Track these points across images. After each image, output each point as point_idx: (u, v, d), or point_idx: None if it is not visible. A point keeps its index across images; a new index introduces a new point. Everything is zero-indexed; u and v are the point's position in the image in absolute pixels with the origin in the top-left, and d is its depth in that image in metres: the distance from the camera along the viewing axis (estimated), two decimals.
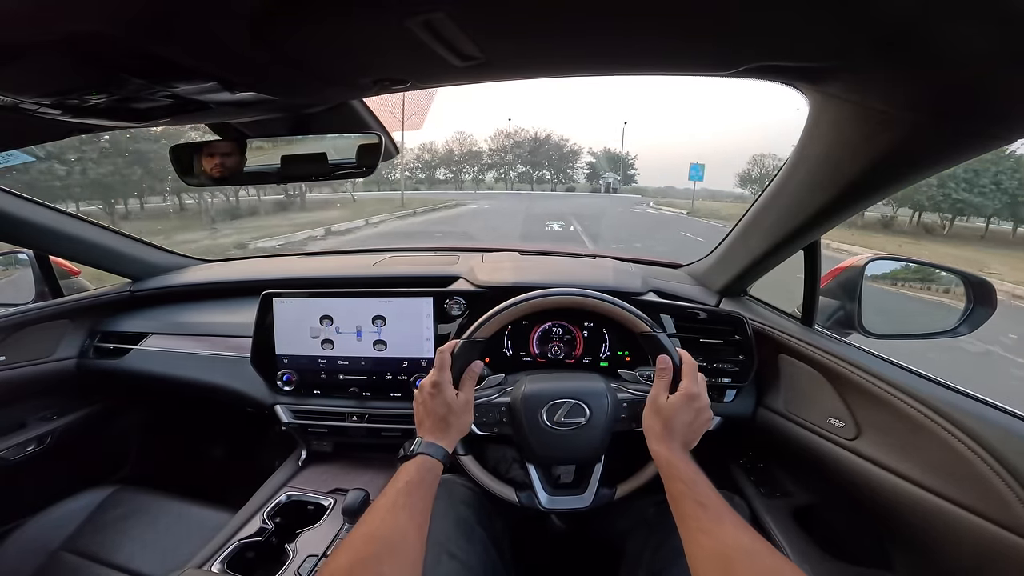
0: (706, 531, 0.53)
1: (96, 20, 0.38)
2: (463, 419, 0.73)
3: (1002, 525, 0.58)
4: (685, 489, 0.59)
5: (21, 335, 1.18)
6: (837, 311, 0.96)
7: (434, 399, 0.72)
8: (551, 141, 52.00)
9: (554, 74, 0.59)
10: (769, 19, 0.42)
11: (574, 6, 0.41)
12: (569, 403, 0.76)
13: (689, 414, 0.68)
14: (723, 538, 0.51)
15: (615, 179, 48.22)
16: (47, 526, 1.04)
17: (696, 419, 0.68)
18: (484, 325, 0.80)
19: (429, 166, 48.60)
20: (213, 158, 0.74)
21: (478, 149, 51.30)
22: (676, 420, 0.67)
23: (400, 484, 0.60)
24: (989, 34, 0.37)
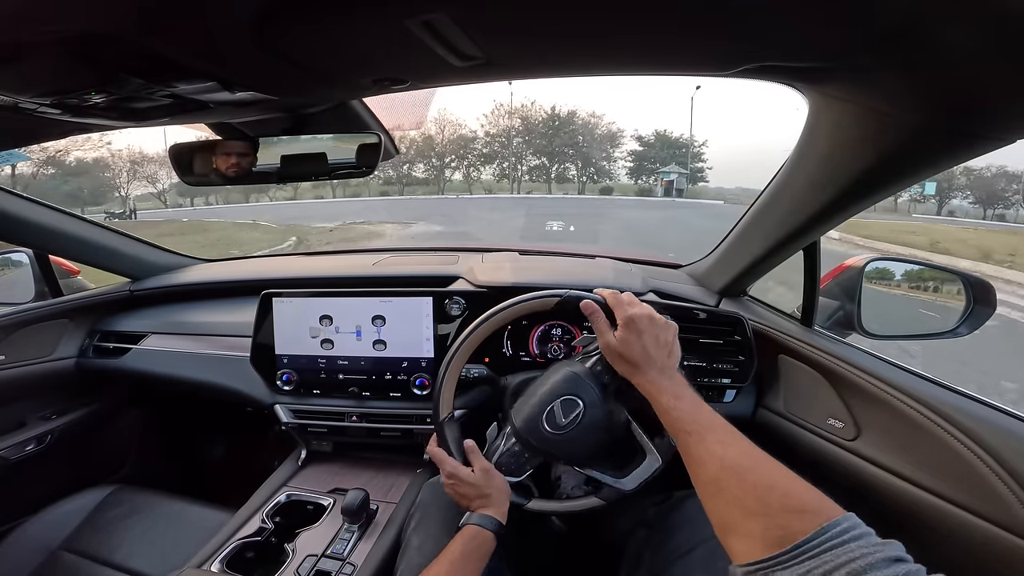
0: (693, 458, 0.53)
1: (96, 20, 0.38)
2: (494, 484, 0.74)
3: (1001, 525, 0.58)
4: (669, 421, 0.58)
5: (21, 334, 1.18)
6: (837, 311, 0.96)
7: (459, 488, 0.74)
8: (577, 120, 30.70)
9: (554, 74, 0.59)
10: (769, 19, 0.42)
11: (574, 6, 0.41)
12: (555, 404, 0.74)
13: (642, 337, 0.64)
14: (707, 463, 0.51)
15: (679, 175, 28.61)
16: (47, 525, 1.04)
17: (656, 337, 0.65)
18: (441, 402, 0.79)
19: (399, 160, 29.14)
20: (213, 158, 0.75)
21: (470, 133, 31.25)
22: (633, 350, 0.64)
23: (454, 555, 0.65)
24: (987, 35, 0.37)
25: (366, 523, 0.91)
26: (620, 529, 0.86)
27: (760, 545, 0.41)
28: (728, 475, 0.49)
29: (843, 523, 0.39)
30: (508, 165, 32.06)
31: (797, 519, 0.41)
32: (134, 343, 1.27)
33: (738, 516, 0.46)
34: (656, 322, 0.67)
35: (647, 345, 0.64)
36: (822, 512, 0.41)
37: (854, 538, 0.38)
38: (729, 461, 0.50)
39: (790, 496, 0.44)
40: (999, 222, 24.15)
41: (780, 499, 0.44)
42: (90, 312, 1.32)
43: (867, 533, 0.39)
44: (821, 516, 0.40)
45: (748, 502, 0.46)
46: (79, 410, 1.32)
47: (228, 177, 0.75)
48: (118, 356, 1.26)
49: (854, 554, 0.36)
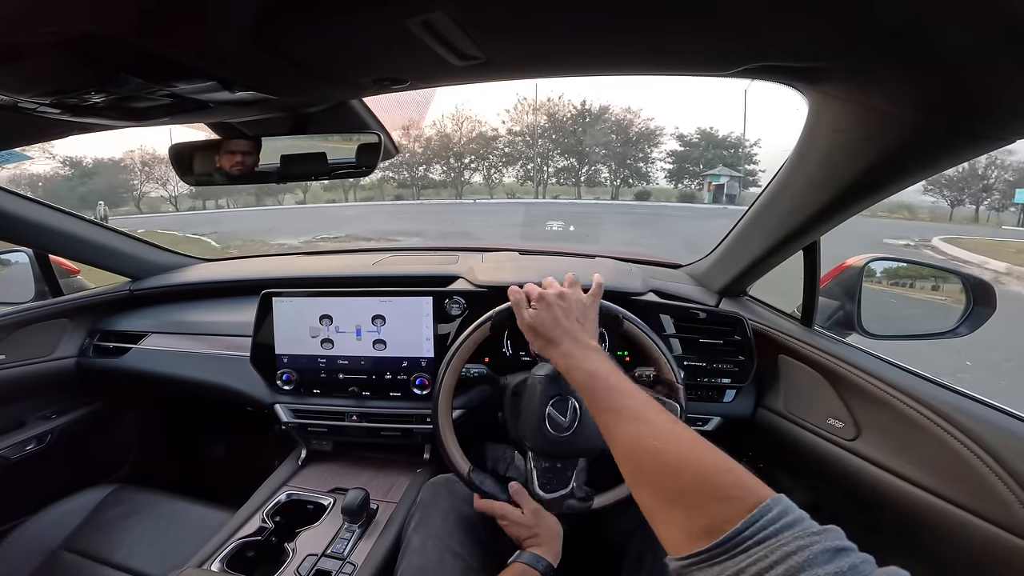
0: (611, 438, 0.51)
1: (95, 20, 0.38)
2: (545, 523, 0.75)
3: (1001, 526, 0.58)
4: (586, 400, 0.56)
5: (21, 334, 1.18)
6: (837, 311, 0.96)
7: (511, 529, 0.75)
8: (610, 116, 26.55)
9: (554, 74, 0.59)
10: (769, 19, 0.42)
11: (573, 6, 0.41)
12: (549, 408, 0.73)
13: (552, 310, 0.65)
14: (624, 443, 0.49)
15: (731, 179, 24.23)
16: (47, 525, 1.04)
17: (567, 310, 0.65)
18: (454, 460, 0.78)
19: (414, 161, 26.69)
20: (213, 158, 0.74)
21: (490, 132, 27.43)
22: (544, 323, 0.64)
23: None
24: (987, 35, 0.37)
25: (366, 523, 0.91)
26: (622, 529, 0.86)
27: (686, 536, 0.38)
28: (644, 456, 0.46)
29: (773, 508, 0.36)
30: (533, 166, 27.76)
31: (720, 506, 0.38)
32: (134, 343, 1.27)
33: (658, 503, 0.43)
34: (567, 296, 0.67)
35: (558, 317, 0.64)
36: (747, 496, 0.37)
37: (787, 526, 0.34)
38: (645, 441, 0.46)
39: (707, 480, 0.40)
40: None
41: (696, 483, 0.41)
42: (90, 312, 1.33)
43: (800, 518, 0.36)
44: (746, 502, 0.37)
45: (665, 487, 0.43)
46: (79, 410, 1.32)
47: (228, 177, 0.75)
48: (118, 356, 1.27)
49: (789, 547, 0.32)
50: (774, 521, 0.35)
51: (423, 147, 27.21)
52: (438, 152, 27.55)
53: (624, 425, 0.50)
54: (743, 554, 0.34)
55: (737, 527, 0.35)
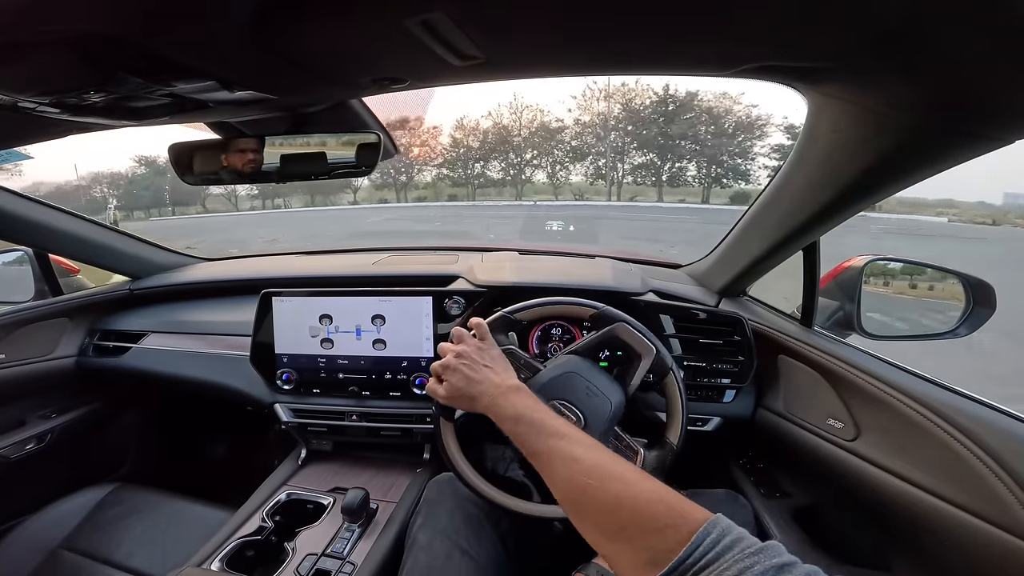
0: (548, 479, 0.51)
1: (94, 20, 0.38)
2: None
3: (1001, 526, 0.58)
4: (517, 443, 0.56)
5: (21, 333, 1.18)
6: (836, 312, 0.96)
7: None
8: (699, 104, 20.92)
9: (554, 74, 0.59)
10: (769, 20, 0.42)
11: (573, 6, 0.41)
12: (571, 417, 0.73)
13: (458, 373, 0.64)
14: (559, 484, 0.49)
15: None
16: (47, 524, 1.04)
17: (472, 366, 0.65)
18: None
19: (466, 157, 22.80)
20: (212, 157, 0.74)
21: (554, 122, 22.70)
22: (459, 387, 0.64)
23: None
24: (986, 36, 0.37)
25: (366, 522, 0.91)
26: None
27: (633, 569, 0.39)
28: (580, 496, 0.46)
29: (711, 532, 0.36)
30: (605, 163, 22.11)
31: (658, 538, 0.38)
32: (134, 342, 1.27)
33: (602, 539, 0.43)
34: (465, 352, 0.66)
35: (467, 375, 0.64)
36: (683, 524, 0.38)
37: (727, 548, 0.35)
38: (578, 480, 0.47)
39: (642, 513, 0.41)
40: None
41: (632, 518, 0.41)
42: (90, 311, 1.33)
43: (739, 538, 0.36)
44: (683, 529, 0.37)
45: (605, 524, 0.43)
46: (79, 409, 1.32)
47: (228, 176, 0.75)
48: (118, 355, 1.27)
49: (731, 571, 0.32)
50: (714, 545, 0.35)
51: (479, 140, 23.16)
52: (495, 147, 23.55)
53: (556, 466, 0.50)
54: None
55: (679, 556, 0.35)
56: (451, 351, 0.68)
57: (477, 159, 23.93)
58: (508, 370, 0.66)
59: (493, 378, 0.63)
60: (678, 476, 0.77)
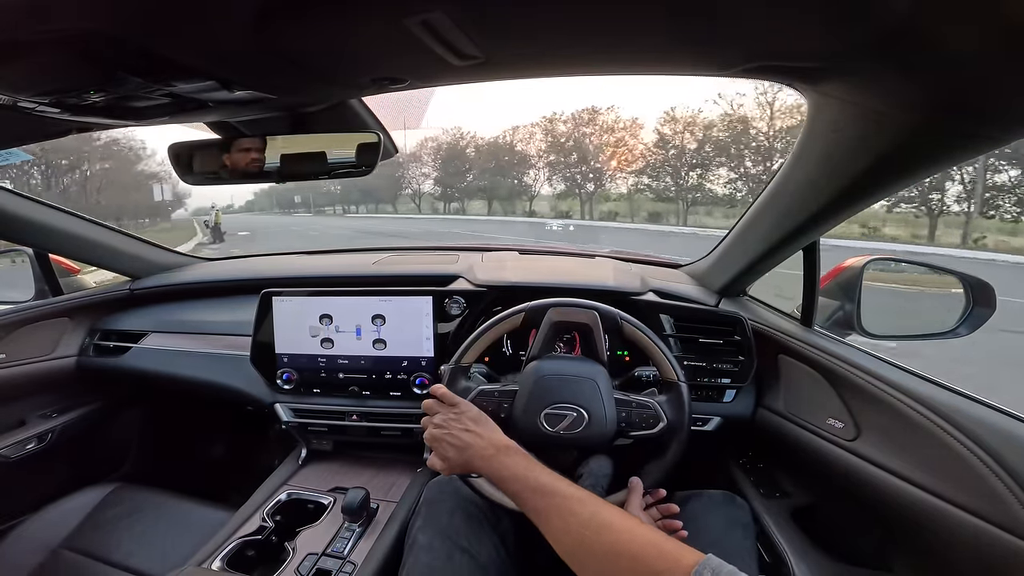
0: (547, 536, 0.53)
1: (94, 19, 0.38)
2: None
3: (1001, 526, 0.58)
4: (514, 499, 0.58)
5: (21, 333, 1.18)
6: (836, 312, 0.95)
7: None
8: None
9: (554, 74, 0.59)
10: (769, 20, 0.42)
11: (572, 6, 0.41)
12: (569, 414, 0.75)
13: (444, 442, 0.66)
14: (559, 539, 0.51)
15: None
16: (47, 524, 1.04)
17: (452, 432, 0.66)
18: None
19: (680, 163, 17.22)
20: (212, 157, 0.74)
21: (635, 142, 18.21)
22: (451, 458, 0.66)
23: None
24: (985, 36, 0.37)
25: (366, 522, 0.91)
26: None
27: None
28: (580, 549, 0.49)
29: (704, 572, 0.39)
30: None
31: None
32: (134, 342, 1.27)
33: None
34: (445, 421, 0.68)
35: (453, 444, 0.65)
36: (676, 568, 0.41)
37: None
38: (576, 534, 0.50)
39: (638, 560, 0.44)
40: None
41: (630, 565, 0.44)
42: (90, 311, 1.33)
43: (730, 574, 0.39)
44: (676, 573, 0.41)
45: (605, 573, 0.46)
46: (79, 409, 1.32)
47: (228, 176, 0.75)
48: (118, 355, 1.27)
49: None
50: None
51: (700, 139, 16.28)
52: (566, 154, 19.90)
53: (554, 521, 0.52)
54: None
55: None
56: (431, 424, 0.70)
57: (696, 165, 16.04)
58: (488, 427, 0.68)
59: (478, 442, 0.65)
60: (678, 476, 0.77)
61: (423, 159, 33.87)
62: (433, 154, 32.78)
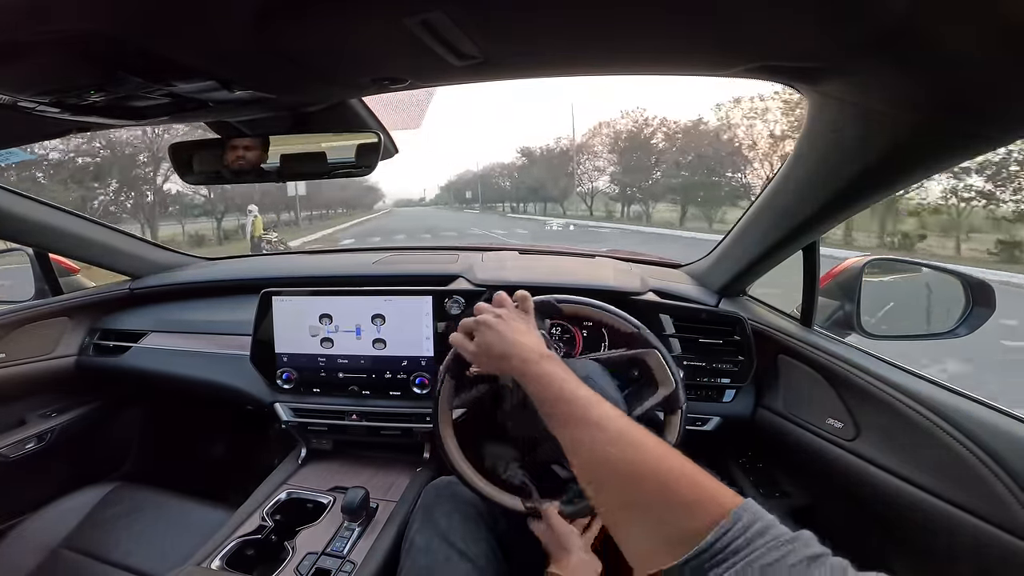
0: (569, 450, 0.49)
1: (95, 19, 0.38)
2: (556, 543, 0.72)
3: (1001, 526, 0.58)
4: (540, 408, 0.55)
5: (21, 332, 1.18)
6: (836, 312, 0.96)
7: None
8: None
9: (553, 73, 0.59)
10: (769, 19, 0.42)
11: (572, 6, 0.41)
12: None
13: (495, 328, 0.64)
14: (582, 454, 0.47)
15: None
16: (47, 523, 1.04)
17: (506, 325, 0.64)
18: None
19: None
20: (212, 157, 0.74)
21: None
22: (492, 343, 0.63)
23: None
24: (984, 35, 0.37)
25: (366, 521, 0.91)
26: None
27: (652, 549, 0.37)
28: (601, 465, 0.44)
29: (743, 516, 0.34)
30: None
31: (685, 515, 0.36)
32: (134, 341, 1.27)
33: (619, 514, 0.41)
34: (504, 314, 0.66)
35: (502, 332, 0.63)
36: (713, 504, 0.36)
37: (759, 534, 0.33)
38: (600, 449, 0.44)
39: (669, 486, 0.38)
40: None
41: (658, 491, 0.39)
42: (90, 310, 1.33)
43: (770, 525, 0.34)
44: (712, 510, 0.35)
45: (625, 497, 0.41)
46: (79, 408, 1.32)
47: (228, 176, 0.75)
48: (118, 354, 1.27)
49: (764, 559, 0.31)
50: (744, 530, 0.33)
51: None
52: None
53: (578, 433, 0.48)
54: (717, 567, 0.32)
55: (707, 540, 0.33)
56: (490, 311, 0.67)
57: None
58: (537, 337, 0.65)
59: (527, 342, 0.62)
60: None
61: (596, 150, 26.10)
62: (610, 143, 24.51)
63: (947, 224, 10.98)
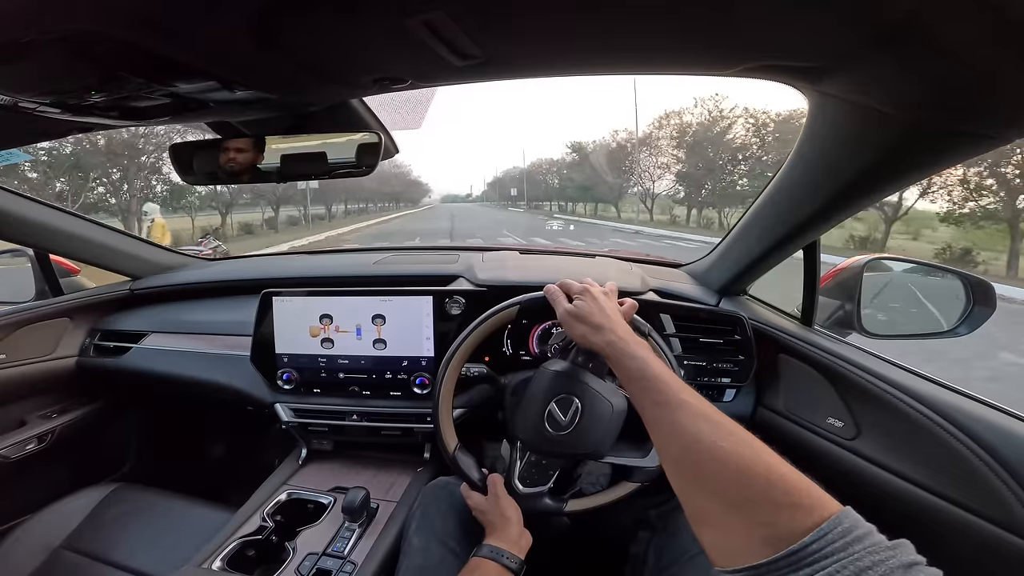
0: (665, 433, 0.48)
1: (95, 18, 0.38)
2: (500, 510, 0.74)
3: (1001, 525, 0.59)
4: (636, 388, 0.54)
5: (21, 333, 1.18)
6: (836, 311, 0.96)
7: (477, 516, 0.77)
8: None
9: (554, 73, 0.59)
10: (768, 19, 0.42)
11: (573, 6, 0.41)
12: (551, 406, 0.72)
13: (598, 301, 0.66)
14: (682, 440, 0.46)
15: None
16: (48, 524, 1.04)
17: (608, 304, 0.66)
18: (444, 437, 0.80)
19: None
20: (213, 156, 0.74)
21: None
22: (592, 311, 0.64)
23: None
24: (987, 35, 0.37)
25: (367, 522, 0.91)
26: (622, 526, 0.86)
27: (745, 545, 0.36)
28: (706, 458, 0.43)
29: (843, 521, 0.34)
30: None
31: (787, 515, 0.36)
32: (134, 342, 1.27)
33: (716, 506, 0.40)
34: (609, 296, 0.69)
35: (604, 308, 0.64)
36: (816, 507, 0.36)
37: (857, 539, 0.33)
38: (708, 441, 0.43)
39: (776, 486, 0.38)
40: None
41: (765, 489, 0.38)
42: (90, 311, 1.33)
43: (868, 532, 0.34)
44: (815, 512, 0.35)
45: (730, 492, 0.40)
46: (80, 409, 1.32)
47: (229, 176, 0.75)
48: (119, 355, 1.27)
49: (862, 562, 0.31)
50: (844, 535, 0.33)
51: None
52: None
53: (684, 422, 0.46)
54: (809, 567, 0.32)
55: (806, 539, 0.33)
56: (596, 286, 0.69)
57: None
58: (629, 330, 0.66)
59: (623, 324, 0.64)
60: None
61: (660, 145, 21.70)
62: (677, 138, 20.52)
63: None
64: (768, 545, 0.35)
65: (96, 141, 11.57)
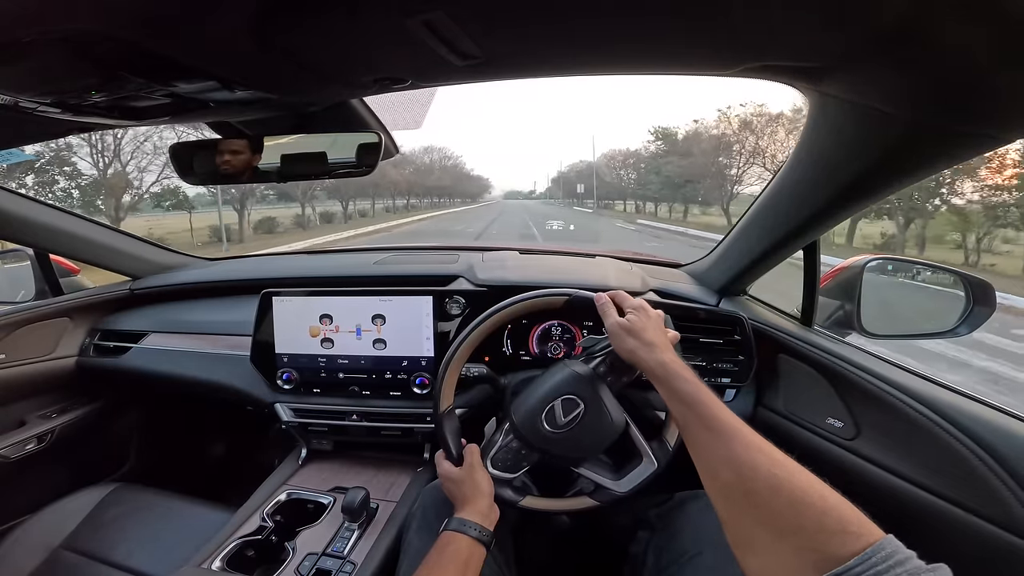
0: (713, 461, 0.48)
1: (96, 18, 0.38)
2: (474, 482, 0.74)
3: (1001, 525, 0.59)
4: (687, 412, 0.54)
5: (21, 333, 1.18)
6: (836, 311, 0.96)
7: (446, 485, 0.77)
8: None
9: (554, 73, 0.59)
10: (769, 19, 0.42)
11: (573, 6, 0.41)
12: (556, 403, 0.73)
13: (652, 320, 0.67)
14: (733, 468, 0.46)
15: None
16: (47, 524, 1.04)
17: (659, 325, 0.68)
18: (442, 396, 0.80)
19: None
20: (213, 157, 0.75)
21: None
22: (646, 329, 0.65)
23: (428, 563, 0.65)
24: (986, 35, 0.37)
25: (366, 522, 0.91)
26: (620, 525, 0.86)
27: (791, 569, 0.38)
28: (760, 486, 0.43)
29: (886, 547, 0.35)
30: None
31: (836, 541, 0.37)
32: (134, 342, 1.27)
33: (766, 533, 0.41)
34: (657, 318, 0.70)
35: (658, 327, 0.66)
36: (864, 534, 0.37)
37: (899, 563, 0.34)
38: (764, 471, 0.44)
39: (830, 515, 0.39)
40: None
41: (818, 517, 0.39)
42: (90, 311, 1.33)
43: (909, 557, 0.36)
44: (862, 539, 0.36)
45: (782, 520, 0.41)
46: (80, 409, 1.32)
47: (229, 176, 0.75)
48: (118, 355, 1.27)
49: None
50: (886, 559, 0.35)
51: None
52: None
53: (739, 450, 0.47)
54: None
55: (850, 563, 0.35)
56: (649, 307, 0.70)
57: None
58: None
59: (671, 346, 0.65)
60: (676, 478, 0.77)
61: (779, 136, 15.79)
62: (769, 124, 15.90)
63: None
64: (816, 569, 0.36)
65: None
